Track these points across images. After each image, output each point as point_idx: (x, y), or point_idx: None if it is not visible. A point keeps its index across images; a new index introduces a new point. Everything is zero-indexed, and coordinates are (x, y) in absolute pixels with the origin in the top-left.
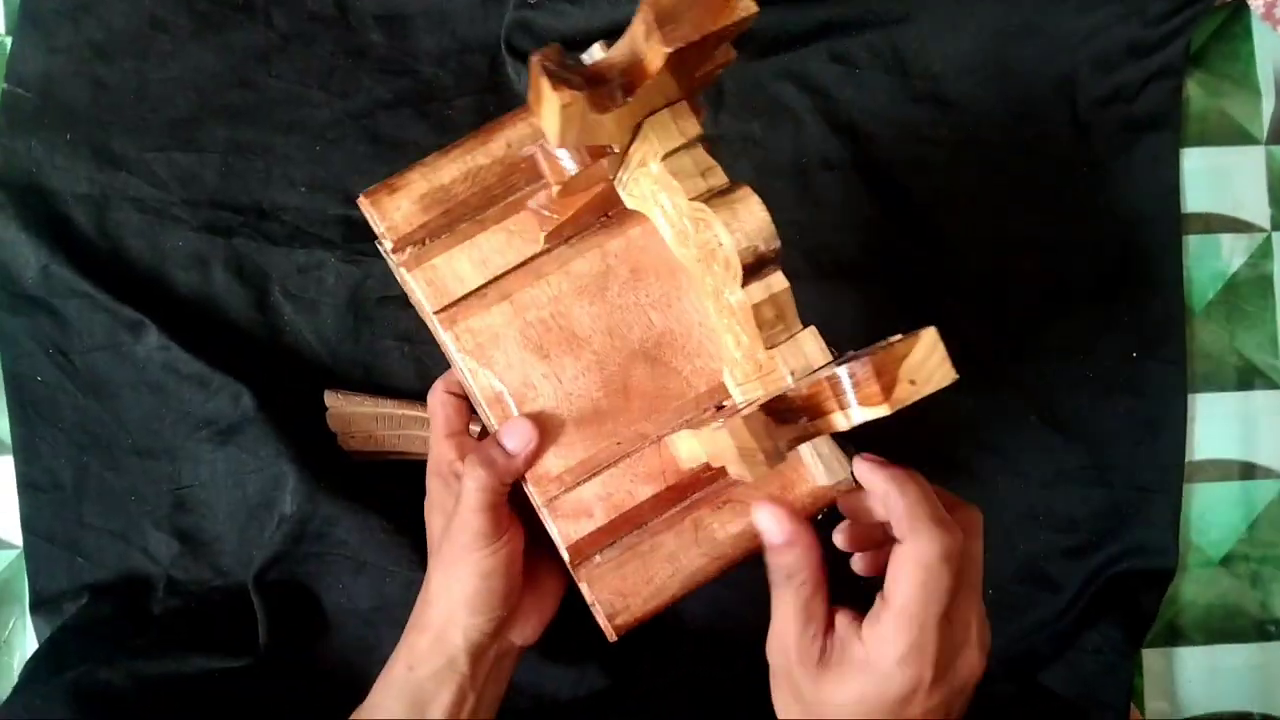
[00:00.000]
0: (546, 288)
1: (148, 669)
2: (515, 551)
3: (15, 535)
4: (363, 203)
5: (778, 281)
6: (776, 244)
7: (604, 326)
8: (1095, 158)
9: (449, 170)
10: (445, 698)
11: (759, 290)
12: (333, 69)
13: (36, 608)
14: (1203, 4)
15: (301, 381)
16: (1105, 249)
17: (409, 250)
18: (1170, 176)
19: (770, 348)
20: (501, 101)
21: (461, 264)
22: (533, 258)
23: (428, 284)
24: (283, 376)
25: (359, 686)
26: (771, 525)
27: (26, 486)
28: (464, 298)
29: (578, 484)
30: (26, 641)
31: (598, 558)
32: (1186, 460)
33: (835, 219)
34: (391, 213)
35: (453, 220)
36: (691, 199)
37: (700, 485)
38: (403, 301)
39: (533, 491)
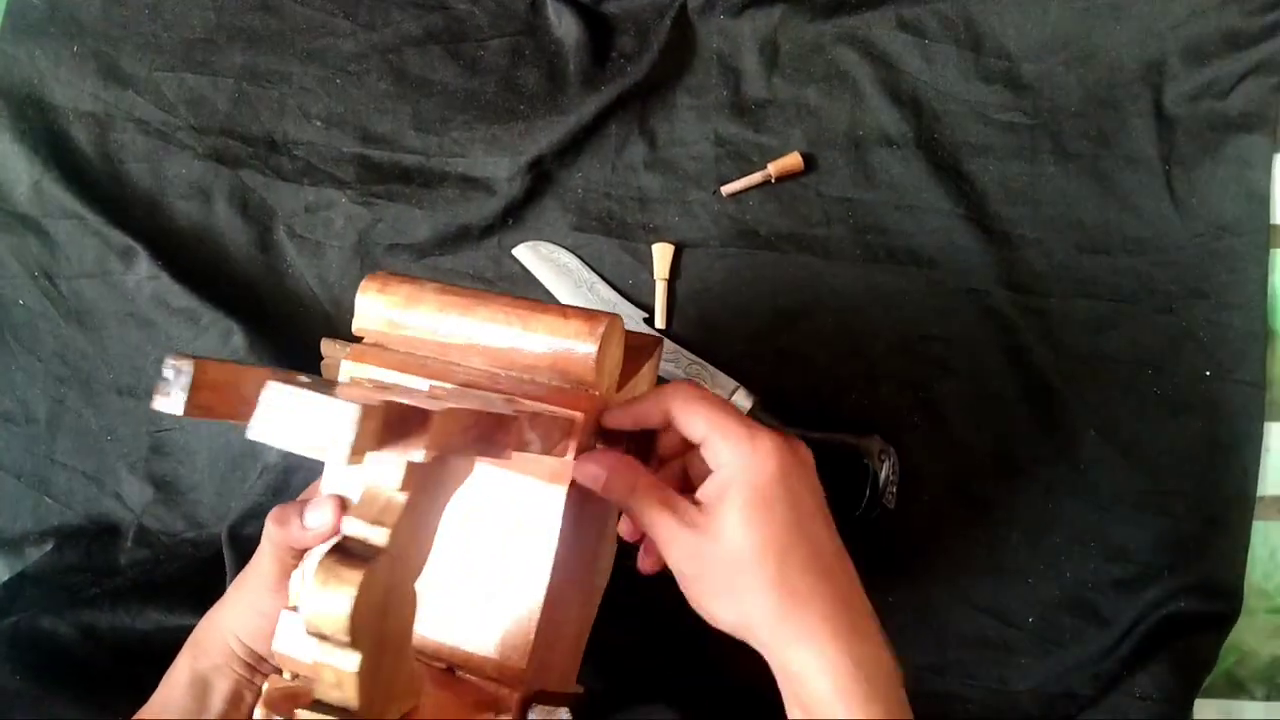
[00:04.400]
0: None
1: (98, 620)
2: None
3: None
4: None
5: None
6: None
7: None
8: (1179, 156)
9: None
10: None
11: None
12: None
13: None
14: None
15: (299, 327)
16: (1184, 256)
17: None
18: (1260, 182)
19: None
20: (538, 45)
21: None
22: None
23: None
24: (279, 320)
25: None
26: (588, 475)
27: None
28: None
29: None
30: None
31: None
32: (1258, 494)
33: (890, 199)
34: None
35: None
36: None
37: None
38: (414, 251)
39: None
